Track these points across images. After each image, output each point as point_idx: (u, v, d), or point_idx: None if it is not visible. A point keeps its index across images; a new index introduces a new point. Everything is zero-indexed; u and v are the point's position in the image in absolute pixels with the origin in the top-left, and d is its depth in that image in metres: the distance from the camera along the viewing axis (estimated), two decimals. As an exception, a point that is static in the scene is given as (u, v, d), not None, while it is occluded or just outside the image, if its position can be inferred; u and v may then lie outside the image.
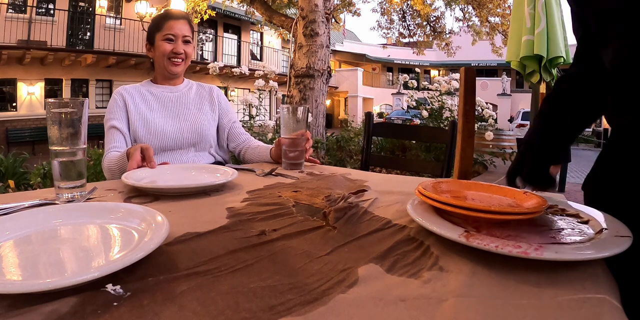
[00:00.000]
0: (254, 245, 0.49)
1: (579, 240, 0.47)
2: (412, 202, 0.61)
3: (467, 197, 0.64)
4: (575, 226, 0.53)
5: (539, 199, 0.56)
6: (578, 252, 0.42)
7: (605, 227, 0.50)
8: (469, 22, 8.29)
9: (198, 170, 0.98)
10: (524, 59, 2.87)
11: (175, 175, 0.92)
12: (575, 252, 0.42)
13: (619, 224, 0.51)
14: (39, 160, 3.55)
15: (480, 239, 0.45)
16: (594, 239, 0.46)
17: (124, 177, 0.81)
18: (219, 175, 0.89)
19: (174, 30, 1.31)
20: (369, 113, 1.83)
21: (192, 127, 1.32)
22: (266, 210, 0.65)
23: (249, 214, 0.63)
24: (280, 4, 7.39)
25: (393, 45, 18.09)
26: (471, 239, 0.45)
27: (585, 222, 0.54)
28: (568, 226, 0.53)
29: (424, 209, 0.58)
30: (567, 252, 0.42)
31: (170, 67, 1.33)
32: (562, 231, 0.51)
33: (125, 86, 1.35)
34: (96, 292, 0.37)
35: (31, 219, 0.54)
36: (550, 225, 0.54)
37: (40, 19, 10.07)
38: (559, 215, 0.58)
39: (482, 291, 0.38)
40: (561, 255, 0.41)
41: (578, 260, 0.41)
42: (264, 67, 3.78)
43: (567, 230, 0.51)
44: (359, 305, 0.35)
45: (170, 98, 1.36)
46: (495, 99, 18.82)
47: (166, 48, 1.31)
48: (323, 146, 4.55)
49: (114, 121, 1.27)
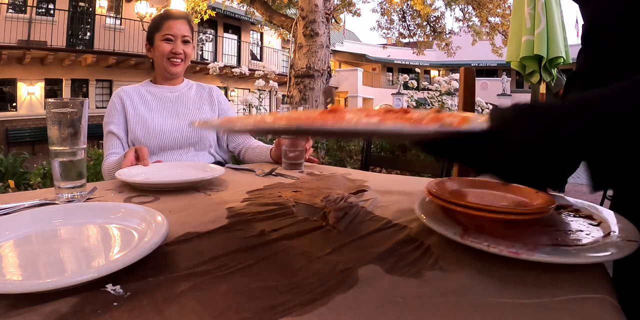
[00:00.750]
0: (254, 246, 0.49)
1: (583, 243, 0.46)
2: (421, 200, 0.61)
3: (475, 195, 0.62)
4: (585, 228, 0.52)
5: (548, 198, 0.55)
6: (571, 255, 0.41)
7: (613, 230, 0.49)
8: (469, 22, 8.30)
9: (188, 167, 1.01)
10: (524, 59, 2.87)
11: (167, 172, 0.95)
12: (569, 254, 0.41)
13: (631, 227, 0.49)
14: (39, 160, 3.55)
15: (474, 237, 0.45)
16: (598, 242, 0.46)
17: (117, 174, 0.86)
18: (208, 171, 0.93)
19: (173, 30, 1.31)
20: (369, 113, 1.83)
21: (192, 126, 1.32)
22: (266, 210, 0.65)
23: (249, 214, 0.63)
24: (280, 4, 7.39)
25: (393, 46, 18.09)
26: (465, 237, 0.45)
27: (597, 224, 0.53)
28: (578, 228, 0.52)
29: (430, 207, 0.58)
30: (560, 255, 0.41)
31: (170, 67, 1.33)
32: (569, 233, 0.50)
33: (124, 87, 1.36)
34: (96, 292, 0.37)
35: (31, 219, 0.54)
36: (558, 226, 0.53)
37: (40, 19, 10.06)
38: (572, 216, 0.57)
39: (483, 291, 0.38)
40: (552, 257, 0.40)
41: (570, 263, 0.40)
42: (264, 67, 3.78)
43: (576, 232, 0.50)
44: (359, 306, 0.35)
45: (169, 98, 1.36)
46: (495, 99, 18.80)
47: (165, 48, 1.31)
48: (323, 146, 4.55)
49: (112, 126, 1.28)
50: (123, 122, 1.29)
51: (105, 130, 1.30)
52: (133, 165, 1.00)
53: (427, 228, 0.55)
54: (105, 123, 1.31)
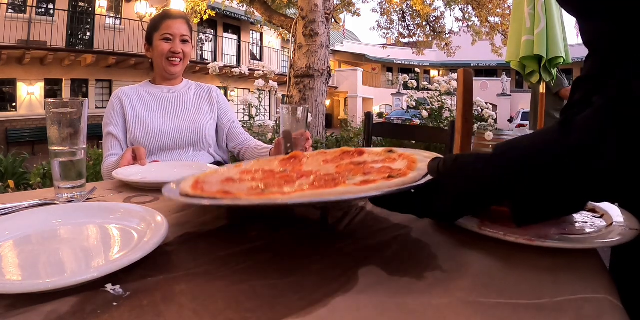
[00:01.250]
0: (253, 246, 0.49)
1: (588, 232, 0.50)
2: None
3: None
4: (589, 220, 0.56)
5: None
6: (579, 242, 0.46)
7: (616, 221, 0.53)
8: (469, 22, 8.29)
9: (186, 167, 1.02)
10: (524, 59, 2.87)
11: (164, 172, 0.97)
12: (577, 241, 0.46)
13: (631, 217, 0.54)
14: (38, 160, 3.55)
15: (490, 228, 0.49)
16: (602, 231, 0.50)
17: (115, 173, 0.87)
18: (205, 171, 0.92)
19: (172, 30, 1.31)
20: (369, 113, 1.83)
21: (191, 127, 1.32)
22: (266, 210, 0.65)
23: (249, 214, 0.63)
24: (280, 4, 7.39)
25: (393, 46, 18.08)
26: (483, 228, 0.49)
27: (600, 216, 0.57)
28: (582, 220, 0.56)
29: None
30: (569, 241, 0.46)
31: (168, 68, 1.33)
32: (575, 224, 0.54)
33: (123, 88, 1.35)
34: (96, 292, 0.37)
35: (31, 219, 0.54)
36: (565, 219, 0.56)
37: (40, 19, 10.06)
38: None
39: (483, 291, 0.38)
40: (562, 243, 0.45)
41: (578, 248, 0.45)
42: (264, 67, 3.78)
43: (581, 223, 0.55)
44: (360, 307, 0.35)
45: (168, 98, 1.36)
46: (495, 99, 18.83)
47: (164, 48, 1.30)
48: (323, 146, 4.55)
49: (111, 127, 1.28)
50: (122, 123, 1.29)
51: (105, 132, 1.30)
52: (130, 165, 1.00)
53: (428, 228, 0.56)
54: (104, 124, 1.31)
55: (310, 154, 0.78)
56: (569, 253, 0.46)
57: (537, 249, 0.46)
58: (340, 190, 0.43)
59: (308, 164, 0.71)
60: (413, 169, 0.54)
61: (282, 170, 0.66)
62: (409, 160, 0.60)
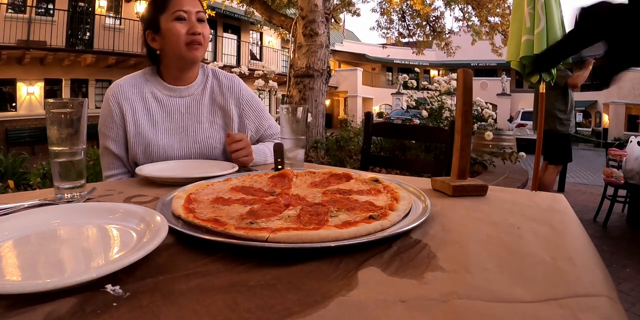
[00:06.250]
0: (254, 246, 0.49)
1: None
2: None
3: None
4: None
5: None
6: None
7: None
8: (469, 22, 8.28)
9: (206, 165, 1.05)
10: (524, 59, 2.87)
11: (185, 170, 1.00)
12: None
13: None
14: (38, 161, 3.54)
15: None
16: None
17: (138, 170, 0.91)
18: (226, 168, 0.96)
19: (185, 6, 1.06)
20: (369, 113, 1.83)
21: (202, 149, 1.15)
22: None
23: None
24: (280, 3, 7.39)
25: (393, 45, 18.07)
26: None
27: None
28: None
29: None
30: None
31: (190, 53, 1.07)
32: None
33: (121, 84, 1.12)
34: (96, 292, 0.37)
35: (31, 220, 0.54)
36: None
37: (39, 19, 10.06)
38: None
39: (483, 291, 0.38)
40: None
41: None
42: (264, 67, 3.78)
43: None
44: (360, 307, 0.35)
45: (178, 107, 1.15)
46: (494, 98, 18.83)
47: (180, 30, 1.05)
48: (323, 146, 4.55)
49: (110, 142, 1.10)
50: (122, 137, 1.11)
51: (102, 144, 1.11)
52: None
53: (428, 228, 0.56)
54: (101, 133, 1.12)
55: (299, 173, 0.83)
56: (569, 253, 0.46)
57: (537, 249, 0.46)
58: (322, 233, 0.48)
59: (296, 185, 0.77)
60: (394, 209, 0.58)
61: (271, 191, 0.72)
62: (392, 196, 0.66)
